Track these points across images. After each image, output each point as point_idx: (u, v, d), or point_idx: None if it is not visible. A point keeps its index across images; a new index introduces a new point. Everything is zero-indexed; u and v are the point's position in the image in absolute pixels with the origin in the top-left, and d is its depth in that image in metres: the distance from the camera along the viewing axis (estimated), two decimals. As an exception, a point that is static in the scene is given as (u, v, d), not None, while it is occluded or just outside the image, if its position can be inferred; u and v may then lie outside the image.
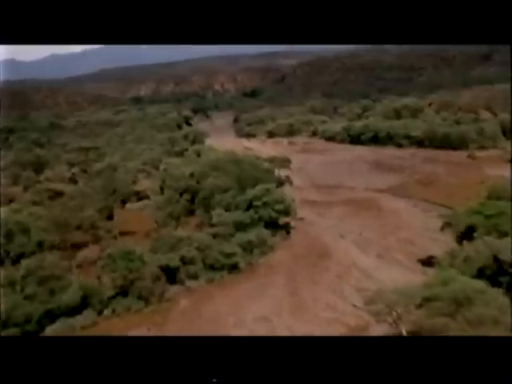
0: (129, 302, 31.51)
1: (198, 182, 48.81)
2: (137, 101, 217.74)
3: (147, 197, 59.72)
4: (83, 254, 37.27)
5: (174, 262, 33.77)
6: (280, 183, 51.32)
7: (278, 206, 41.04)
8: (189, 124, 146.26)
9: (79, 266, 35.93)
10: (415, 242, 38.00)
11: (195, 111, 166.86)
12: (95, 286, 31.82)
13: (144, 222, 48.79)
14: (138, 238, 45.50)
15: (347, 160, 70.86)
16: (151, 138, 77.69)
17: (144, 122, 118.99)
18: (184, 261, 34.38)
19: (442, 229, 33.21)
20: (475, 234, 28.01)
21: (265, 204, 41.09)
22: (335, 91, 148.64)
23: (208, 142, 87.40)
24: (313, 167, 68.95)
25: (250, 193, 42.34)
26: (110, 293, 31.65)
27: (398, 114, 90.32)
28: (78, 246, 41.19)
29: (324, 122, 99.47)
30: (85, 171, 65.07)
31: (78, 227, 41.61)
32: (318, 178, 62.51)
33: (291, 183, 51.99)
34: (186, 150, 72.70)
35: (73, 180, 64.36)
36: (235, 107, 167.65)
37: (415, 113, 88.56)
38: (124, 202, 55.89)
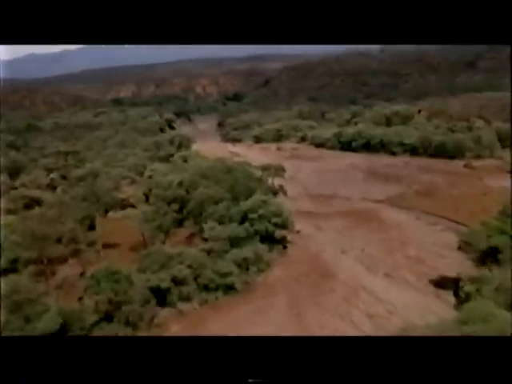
0: (114, 329, 28.20)
1: (187, 192, 45.66)
2: (117, 103, 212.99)
3: (131, 205, 56.47)
4: (62, 273, 33.78)
5: (165, 282, 30.55)
6: (274, 193, 48.46)
7: (275, 219, 38.06)
8: (171, 127, 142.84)
9: (58, 287, 32.52)
10: (424, 259, 35.36)
11: (177, 114, 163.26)
12: (76, 310, 28.42)
13: (128, 233, 45.57)
14: (123, 252, 42.21)
15: (340, 168, 68.32)
16: (134, 142, 74.11)
17: (126, 125, 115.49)
18: (175, 281, 31.19)
19: (460, 248, 30.55)
20: (500, 257, 25.41)
21: (261, 217, 38.09)
22: (321, 96, 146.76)
23: (193, 146, 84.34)
24: (305, 175, 66.24)
25: (245, 204, 39.31)
26: (93, 318, 28.26)
27: (388, 121, 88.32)
28: (56, 262, 37.80)
29: (312, 127, 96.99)
30: (64, 177, 61.30)
31: (58, 240, 38.21)
32: (311, 187, 59.79)
33: (285, 193, 49.10)
34: (172, 155, 69.38)
35: (51, 186, 60.60)
36: (219, 111, 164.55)
37: (406, 120, 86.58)
38: (106, 211, 52.46)
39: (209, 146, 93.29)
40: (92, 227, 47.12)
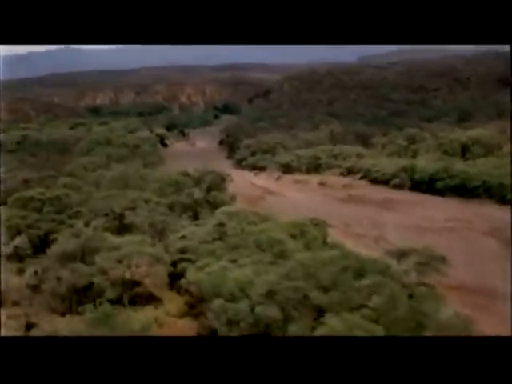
0: None
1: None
2: (94, 111, 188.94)
3: (149, 294, 34.37)
4: None
5: None
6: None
7: None
8: (164, 144, 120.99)
9: None
10: None
11: (167, 128, 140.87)
12: None
13: None
14: None
15: (444, 225, 47.17)
16: (140, 177, 51.18)
17: (112, 143, 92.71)
18: None
19: None
20: None
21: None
22: (339, 112, 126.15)
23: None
24: (399, 238, 44.78)
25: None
26: None
27: (464, 150, 68.14)
28: None
29: (360, 155, 75.75)
30: (39, 244, 38.24)
31: None
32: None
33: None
34: (196, 202, 46.86)
35: (15, 259, 37.50)
36: (212, 124, 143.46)
37: (490, 150, 66.47)
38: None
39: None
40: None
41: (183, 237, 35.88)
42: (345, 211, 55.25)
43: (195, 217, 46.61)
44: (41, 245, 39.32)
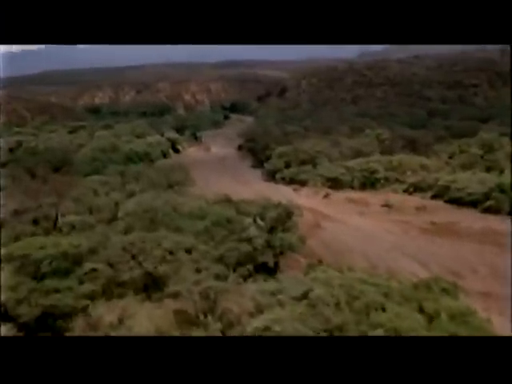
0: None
1: None
2: (94, 111, 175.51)
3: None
4: None
5: None
6: None
7: None
8: (176, 150, 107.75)
9: None
10: None
11: (177, 130, 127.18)
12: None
13: None
14: None
15: None
16: (172, 207, 37.37)
17: (119, 151, 79.62)
18: None
19: None
20: None
21: None
22: (367, 112, 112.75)
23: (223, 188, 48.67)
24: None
25: None
26: None
27: None
28: None
29: (424, 167, 62.31)
30: (37, 320, 24.87)
31: None
32: None
33: None
34: (256, 249, 33.41)
35: None
36: (233, 126, 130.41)
37: None
38: None
39: (253, 193, 57.30)
40: None
41: (266, 328, 22.46)
42: (437, 249, 42.05)
43: (255, 269, 33.35)
44: (37, 326, 26.18)
